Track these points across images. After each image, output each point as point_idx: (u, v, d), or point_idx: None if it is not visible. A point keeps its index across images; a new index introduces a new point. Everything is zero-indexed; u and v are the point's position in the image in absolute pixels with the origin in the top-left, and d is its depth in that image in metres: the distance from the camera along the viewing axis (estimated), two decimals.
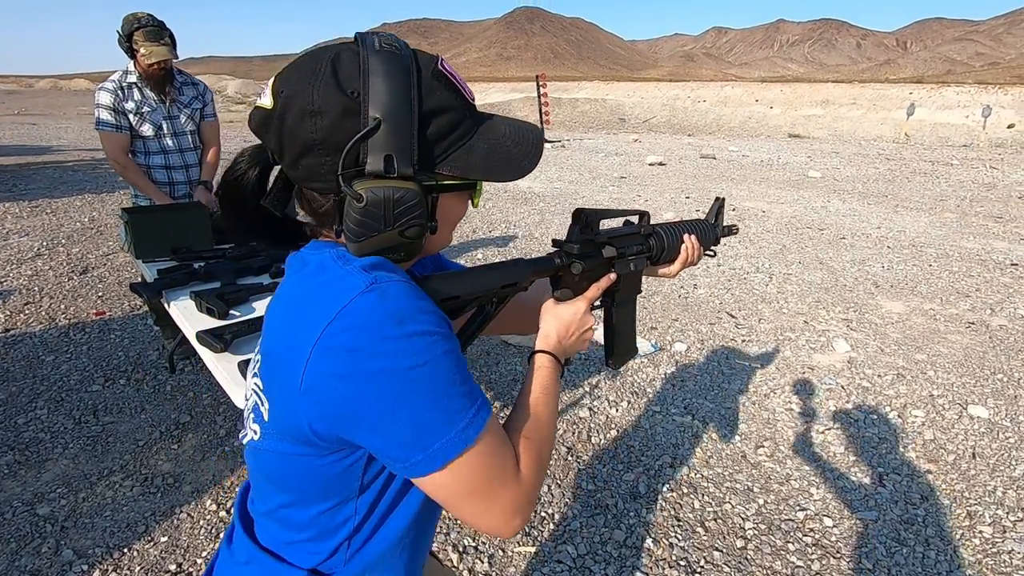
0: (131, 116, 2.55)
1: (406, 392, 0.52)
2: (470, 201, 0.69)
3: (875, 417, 2.69)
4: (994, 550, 1.93)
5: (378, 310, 0.53)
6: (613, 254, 0.87)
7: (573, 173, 10.01)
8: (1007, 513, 2.09)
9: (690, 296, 4.21)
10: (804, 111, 25.35)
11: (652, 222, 0.96)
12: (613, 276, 0.88)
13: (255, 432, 0.65)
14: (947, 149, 16.05)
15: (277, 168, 0.65)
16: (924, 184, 9.37)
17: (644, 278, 1.00)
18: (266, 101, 0.58)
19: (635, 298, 0.96)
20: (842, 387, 2.96)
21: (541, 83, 14.44)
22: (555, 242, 0.84)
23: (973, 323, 3.76)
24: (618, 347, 0.95)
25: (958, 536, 1.99)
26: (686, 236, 1.02)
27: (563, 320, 0.78)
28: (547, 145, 13.87)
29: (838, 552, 1.91)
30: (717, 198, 1.16)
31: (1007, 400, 2.84)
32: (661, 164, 11.21)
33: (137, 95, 2.56)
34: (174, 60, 2.60)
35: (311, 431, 0.56)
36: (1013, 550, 1.92)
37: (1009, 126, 20.44)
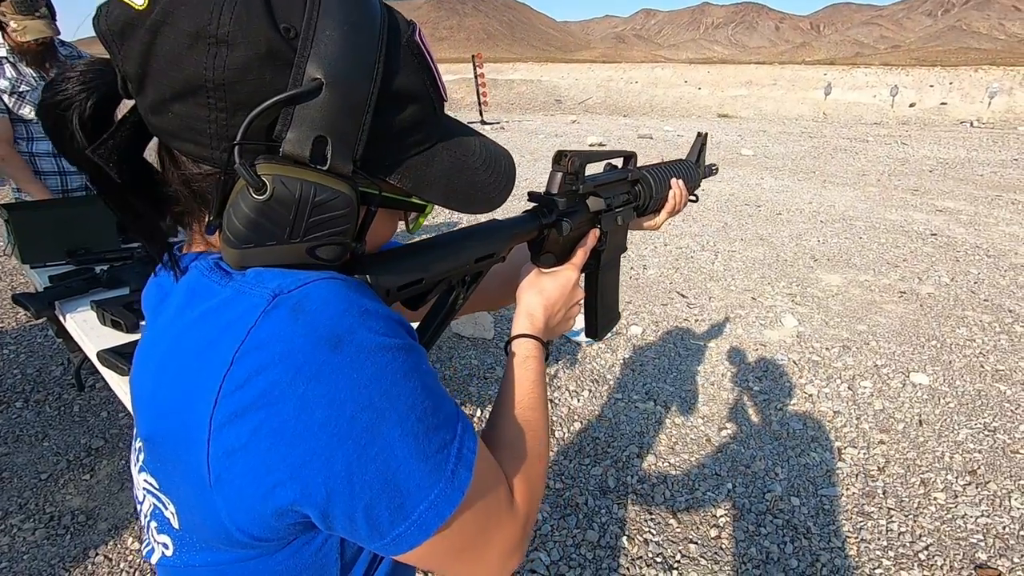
0: (5, 97, 2.15)
1: (367, 447, 0.36)
2: (403, 221, 0.50)
3: (827, 391, 2.74)
4: (949, 516, 1.98)
5: (296, 333, 0.35)
6: (601, 207, 0.71)
7: (514, 156, 9.76)
8: (956, 478, 2.17)
9: (641, 277, 4.19)
10: (730, 92, 26.30)
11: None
12: (598, 232, 0.73)
13: (165, 546, 0.46)
14: (861, 126, 17.08)
15: (128, 104, 0.42)
16: (846, 160, 9.87)
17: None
18: None
19: (620, 258, 0.83)
20: (794, 362, 3.00)
21: (477, 64, 14.14)
22: (533, 195, 0.67)
23: (904, 292, 3.94)
24: (603, 316, 0.81)
25: (916, 505, 2.04)
26: (673, 180, 0.89)
27: (549, 295, 0.64)
28: (487, 127, 13.63)
29: (808, 532, 1.90)
30: (699, 134, 1.05)
31: (943, 366, 2.97)
32: (601, 145, 11.25)
33: (10, 72, 2.16)
34: (56, 36, 2.22)
35: (241, 532, 0.39)
36: (966, 514, 1.98)
37: (911, 105, 22.03)
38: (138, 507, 0.50)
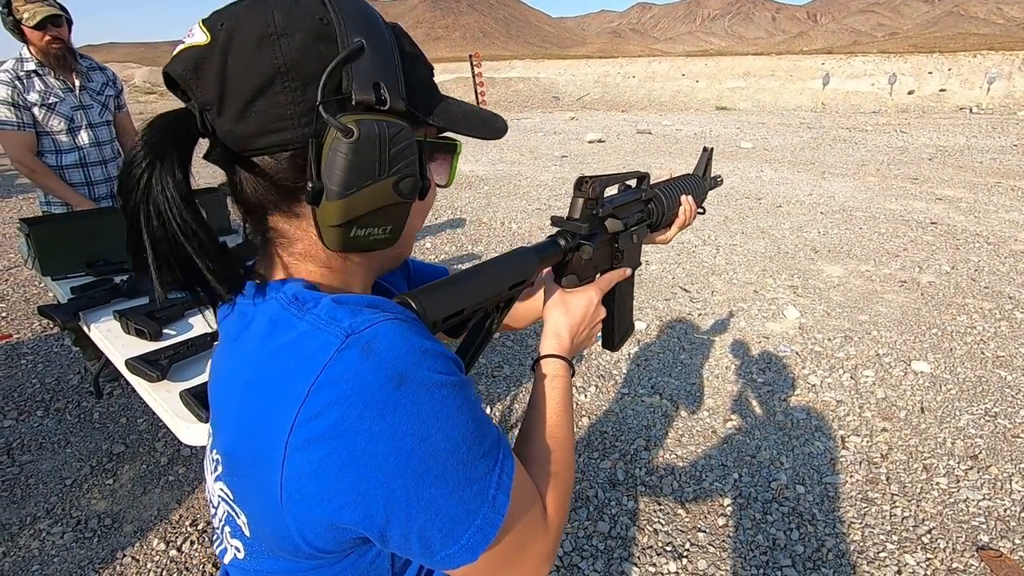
0: (36, 110, 2.21)
1: (423, 476, 0.40)
2: (439, 185, 0.57)
3: (830, 381, 2.79)
4: (951, 500, 2.03)
5: (365, 372, 0.40)
6: (618, 228, 0.76)
7: (514, 154, 9.90)
8: (958, 463, 2.21)
9: (643, 273, 4.23)
10: (728, 84, 26.25)
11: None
12: (629, 272, 0.78)
13: (238, 550, 0.51)
14: (860, 116, 17.05)
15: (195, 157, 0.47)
16: (845, 150, 9.88)
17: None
18: (198, 37, 0.43)
19: (634, 273, 0.87)
20: (796, 353, 3.05)
21: (475, 63, 14.15)
22: (556, 220, 0.71)
23: (905, 281, 3.98)
24: (619, 328, 0.86)
25: (918, 490, 2.08)
26: (682, 196, 0.94)
27: (575, 315, 0.67)
28: None
29: (813, 518, 1.95)
30: (705, 148, 1.10)
31: (944, 353, 3.01)
32: (600, 141, 11.27)
33: (39, 84, 2.21)
34: (73, 40, 2.28)
35: (308, 545, 0.44)
36: (968, 498, 2.03)
37: (909, 92, 21.98)
38: (212, 511, 0.55)
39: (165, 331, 1.54)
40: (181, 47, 0.44)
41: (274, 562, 0.48)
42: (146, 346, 1.47)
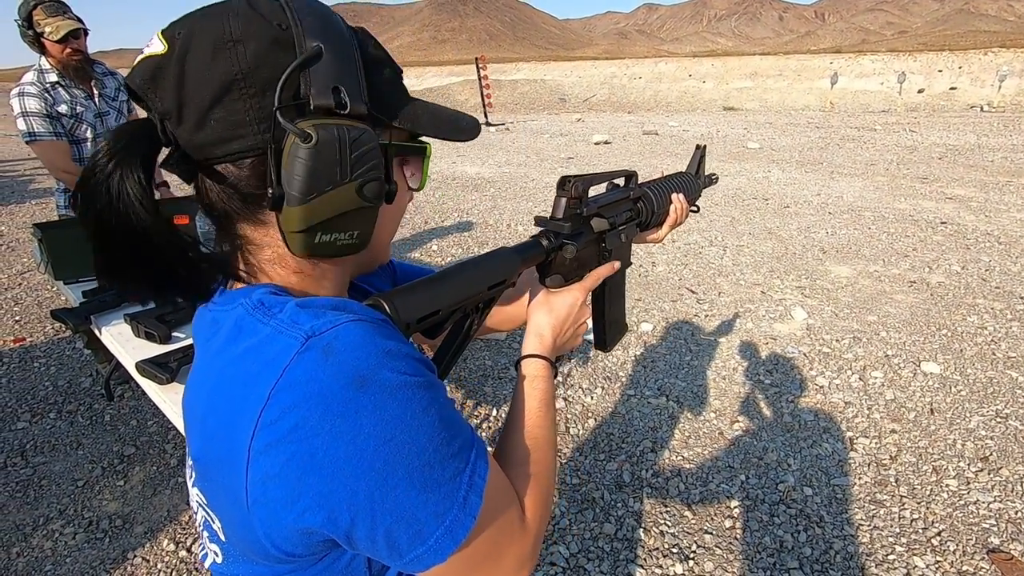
0: (65, 120, 2.26)
1: (387, 479, 0.40)
2: (411, 188, 0.56)
3: (839, 382, 2.77)
4: (961, 502, 2.01)
5: (325, 373, 0.39)
6: (604, 227, 0.75)
7: (520, 156, 9.91)
8: (968, 465, 2.19)
9: (650, 274, 4.23)
10: (735, 84, 26.16)
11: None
12: (617, 265, 0.77)
13: (216, 554, 0.51)
14: (869, 115, 16.93)
15: (158, 160, 0.47)
16: (854, 150, 9.82)
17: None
18: (156, 47, 0.43)
19: (625, 272, 0.86)
20: (804, 354, 3.03)
21: (481, 65, 14.19)
22: (539, 220, 0.70)
23: (915, 282, 3.95)
24: (611, 328, 0.85)
25: (928, 492, 2.07)
26: (673, 195, 0.93)
27: (558, 315, 0.67)
28: (492, 129, 13.70)
29: (821, 520, 1.94)
30: (698, 146, 1.08)
31: (954, 354, 2.98)
32: (607, 143, 11.26)
33: (64, 95, 2.27)
34: (87, 47, 2.33)
35: (276, 549, 0.44)
36: (979, 500, 2.01)
37: (919, 91, 21.80)
38: (194, 516, 0.55)
39: (175, 334, 1.56)
40: (140, 57, 0.44)
41: (249, 566, 0.47)
42: (156, 349, 1.49)
